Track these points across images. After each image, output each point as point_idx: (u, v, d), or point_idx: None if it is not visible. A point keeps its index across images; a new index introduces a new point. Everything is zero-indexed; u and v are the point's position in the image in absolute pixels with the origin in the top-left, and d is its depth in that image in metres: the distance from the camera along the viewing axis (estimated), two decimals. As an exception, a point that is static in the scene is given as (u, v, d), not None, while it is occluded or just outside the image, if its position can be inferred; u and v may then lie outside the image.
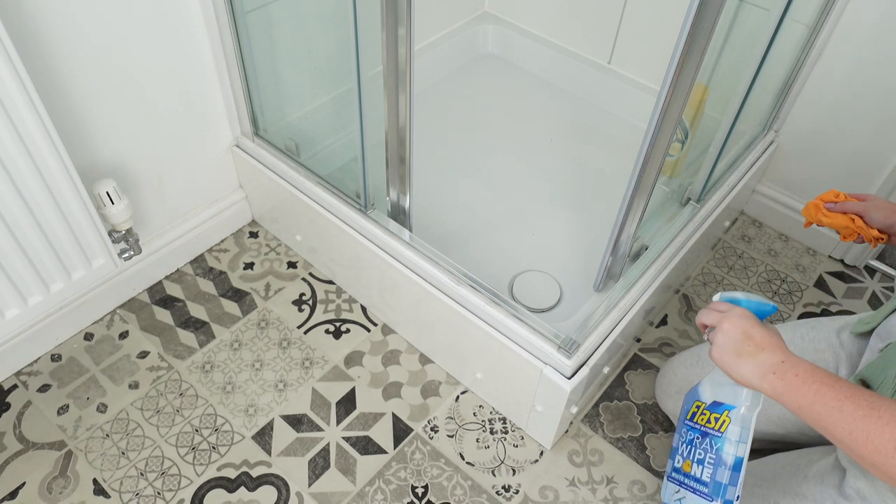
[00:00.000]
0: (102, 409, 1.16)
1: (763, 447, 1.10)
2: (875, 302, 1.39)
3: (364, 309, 1.32)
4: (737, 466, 0.71)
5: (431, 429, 1.16)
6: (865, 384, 0.78)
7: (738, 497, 0.71)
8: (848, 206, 0.95)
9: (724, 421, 0.73)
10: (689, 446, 0.76)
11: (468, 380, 1.20)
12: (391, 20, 0.87)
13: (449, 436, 1.15)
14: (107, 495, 1.06)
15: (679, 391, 1.08)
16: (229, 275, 1.36)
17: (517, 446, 1.14)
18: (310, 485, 1.08)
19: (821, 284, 1.42)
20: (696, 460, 0.74)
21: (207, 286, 1.34)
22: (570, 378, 0.99)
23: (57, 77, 0.99)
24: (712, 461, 0.72)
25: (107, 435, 1.12)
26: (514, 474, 1.11)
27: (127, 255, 1.16)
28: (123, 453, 1.10)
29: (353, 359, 1.25)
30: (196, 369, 1.21)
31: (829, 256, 1.47)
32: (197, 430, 1.14)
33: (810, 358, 0.94)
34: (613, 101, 1.61)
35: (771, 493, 0.84)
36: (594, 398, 1.21)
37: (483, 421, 1.17)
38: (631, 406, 1.21)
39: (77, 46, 0.98)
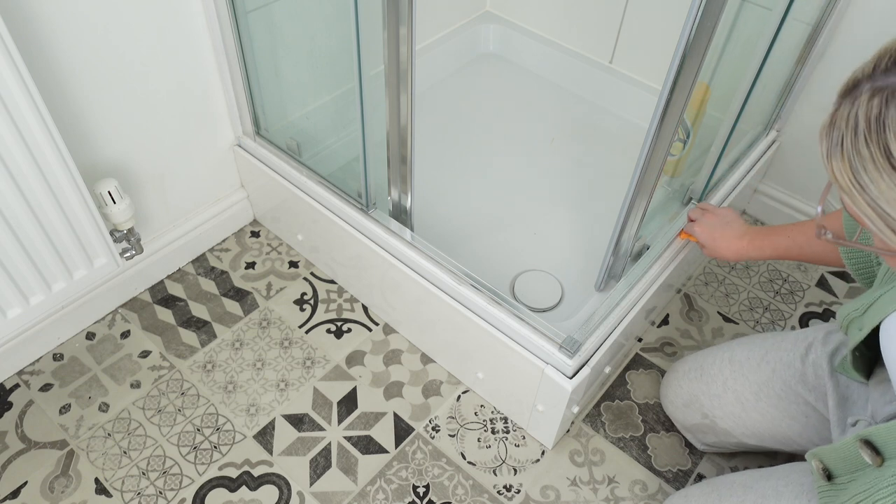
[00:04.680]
0: (104, 408, 1.16)
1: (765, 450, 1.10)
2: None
3: (365, 308, 1.32)
4: None
5: (433, 428, 1.16)
6: (871, 444, 0.71)
7: None
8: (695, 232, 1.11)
9: None
10: None
11: (469, 379, 1.20)
12: (393, 19, 0.87)
13: (450, 435, 1.15)
14: (108, 494, 1.06)
15: (686, 404, 1.08)
16: (231, 274, 1.36)
17: (518, 446, 1.14)
18: (311, 484, 1.08)
19: (822, 284, 1.41)
20: None
21: (209, 285, 1.34)
22: (571, 378, 0.99)
23: (59, 76, 0.99)
24: None
25: (108, 434, 1.12)
26: (515, 474, 1.11)
27: (128, 254, 1.17)
28: (125, 452, 1.11)
29: (355, 358, 1.25)
30: (197, 369, 1.22)
31: (831, 256, 1.47)
32: (198, 430, 1.14)
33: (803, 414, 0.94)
34: (615, 100, 1.61)
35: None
36: (596, 398, 1.21)
37: (484, 420, 1.17)
38: (632, 406, 1.21)
39: (79, 46, 0.99)
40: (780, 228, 1.01)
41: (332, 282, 1.36)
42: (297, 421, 1.16)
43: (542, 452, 1.14)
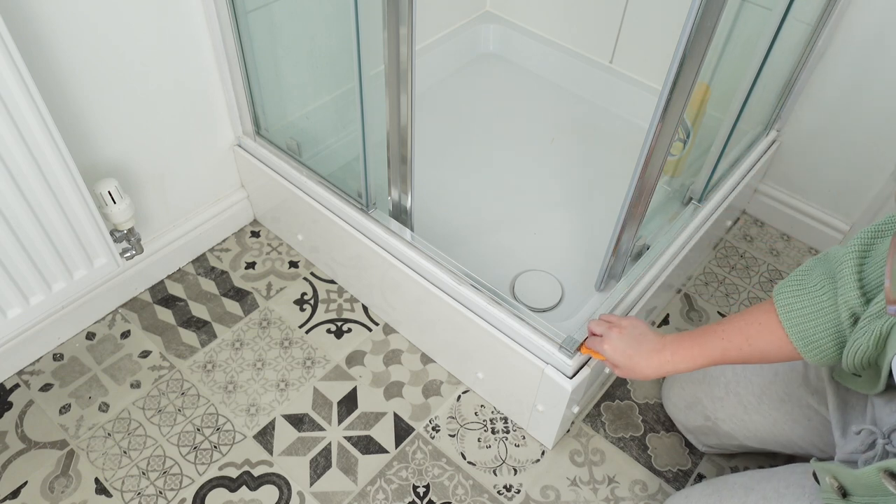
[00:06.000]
0: (104, 408, 1.16)
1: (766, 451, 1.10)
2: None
3: (365, 308, 1.32)
4: None
5: (433, 428, 1.16)
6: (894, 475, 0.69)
7: None
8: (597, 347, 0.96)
9: None
10: None
11: (469, 379, 1.20)
12: (393, 19, 0.87)
13: (450, 435, 1.15)
14: (108, 494, 1.06)
15: (688, 406, 1.08)
16: (231, 274, 1.36)
17: (518, 446, 1.14)
18: (311, 484, 1.08)
19: (823, 284, 1.41)
20: None
21: (209, 285, 1.34)
22: (571, 378, 0.99)
23: (59, 76, 0.99)
24: None
25: (108, 434, 1.12)
26: (515, 474, 1.11)
27: (129, 254, 1.17)
28: (125, 452, 1.11)
29: (355, 358, 1.25)
30: (198, 369, 1.22)
31: (832, 256, 1.47)
32: (198, 430, 1.14)
33: (803, 427, 0.94)
34: (615, 100, 1.61)
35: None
36: (596, 398, 1.21)
37: (484, 420, 1.17)
38: (632, 406, 1.21)
39: (79, 46, 0.99)
40: (706, 331, 0.86)
41: (332, 282, 1.36)
42: (298, 421, 1.16)
43: (542, 452, 1.14)
